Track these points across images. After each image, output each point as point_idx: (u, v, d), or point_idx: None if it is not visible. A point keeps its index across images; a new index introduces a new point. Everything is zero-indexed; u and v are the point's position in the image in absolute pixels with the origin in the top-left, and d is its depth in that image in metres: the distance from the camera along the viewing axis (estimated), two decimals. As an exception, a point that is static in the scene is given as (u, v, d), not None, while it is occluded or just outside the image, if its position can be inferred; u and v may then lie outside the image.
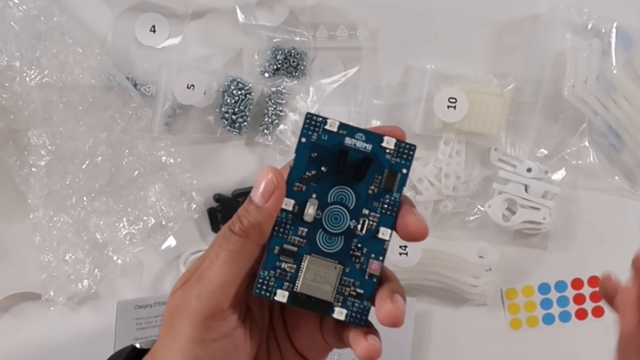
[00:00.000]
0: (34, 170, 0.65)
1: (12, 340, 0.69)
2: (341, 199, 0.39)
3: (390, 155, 0.39)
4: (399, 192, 0.39)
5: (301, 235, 0.39)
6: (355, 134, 0.39)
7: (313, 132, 0.39)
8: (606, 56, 0.65)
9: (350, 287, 0.39)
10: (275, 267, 0.38)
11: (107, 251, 0.67)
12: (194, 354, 0.38)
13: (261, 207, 0.37)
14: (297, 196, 0.39)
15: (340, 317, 0.38)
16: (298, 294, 0.38)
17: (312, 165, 0.39)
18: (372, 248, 0.39)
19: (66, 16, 0.66)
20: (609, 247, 0.69)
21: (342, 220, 0.39)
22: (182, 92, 0.67)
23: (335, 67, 0.69)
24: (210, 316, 0.37)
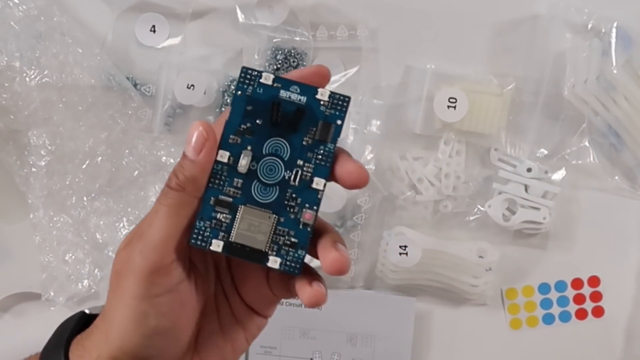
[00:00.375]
0: (34, 171, 0.65)
1: (12, 340, 0.69)
2: (276, 150, 0.40)
3: (324, 107, 0.40)
4: (333, 142, 0.40)
5: (236, 186, 0.39)
6: (290, 86, 0.40)
7: (248, 86, 0.40)
8: (606, 56, 0.65)
9: (284, 236, 0.39)
10: (210, 218, 0.39)
11: (107, 251, 0.67)
12: (141, 310, 0.38)
13: (194, 160, 0.38)
14: (233, 148, 0.39)
15: (275, 266, 0.39)
16: (233, 243, 0.39)
17: (248, 118, 0.39)
18: (306, 198, 0.39)
19: (66, 16, 0.66)
20: (609, 247, 0.69)
21: (276, 171, 0.40)
22: (182, 92, 0.67)
23: (336, 67, 0.69)
24: (154, 271, 0.38)
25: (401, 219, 0.68)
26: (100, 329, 0.40)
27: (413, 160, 0.68)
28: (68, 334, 0.42)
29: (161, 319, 0.39)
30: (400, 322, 0.67)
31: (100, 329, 0.41)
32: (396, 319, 0.67)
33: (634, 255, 0.70)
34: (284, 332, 0.68)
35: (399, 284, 0.68)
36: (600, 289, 0.69)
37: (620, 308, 0.69)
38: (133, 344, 0.39)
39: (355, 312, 0.68)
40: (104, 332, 0.40)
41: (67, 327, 0.43)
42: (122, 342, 0.39)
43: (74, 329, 0.43)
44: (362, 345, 0.67)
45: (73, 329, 0.43)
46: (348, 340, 0.68)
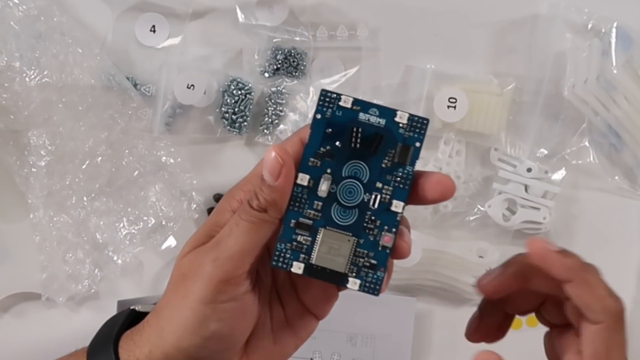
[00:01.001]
0: (34, 171, 0.65)
1: (12, 340, 0.69)
2: (355, 173, 0.40)
3: (403, 130, 0.40)
4: (412, 165, 0.40)
5: (316, 208, 0.40)
6: (369, 109, 0.40)
7: (327, 109, 0.40)
8: (606, 56, 0.65)
9: (363, 258, 0.40)
10: (291, 240, 0.40)
11: (107, 251, 0.67)
12: (204, 314, 0.39)
13: (272, 186, 0.38)
14: (312, 171, 0.40)
15: (354, 288, 0.40)
16: (313, 265, 0.40)
17: (327, 140, 0.40)
18: (385, 220, 0.40)
19: (66, 16, 0.66)
20: (609, 247, 0.69)
21: (356, 193, 0.40)
22: (182, 92, 0.67)
23: (336, 67, 0.69)
24: (225, 280, 0.39)
25: (401, 219, 0.68)
26: (153, 326, 0.41)
27: (413, 160, 0.67)
28: (117, 328, 0.43)
29: (221, 325, 0.40)
30: (400, 322, 0.67)
31: (152, 326, 0.41)
32: (396, 319, 0.67)
33: (634, 255, 0.70)
34: (284, 332, 0.68)
35: (399, 284, 0.68)
36: (600, 289, 0.69)
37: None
38: (189, 344, 0.40)
39: (355, 312, 0.68)
40: (158, 328, 0.41)
41: (116, 322, 0.43)
42: (179, 341, 0.40)
43: (123, 324, 0.43)
44: (362, 345, 0.67)
45: (122, 324, 0.43)
46: (348, 340, 0.68)
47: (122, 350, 0.41)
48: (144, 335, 0.41)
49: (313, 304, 0.44)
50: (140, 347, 0.41)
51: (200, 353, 0.40)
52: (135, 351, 0.41)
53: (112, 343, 0.42)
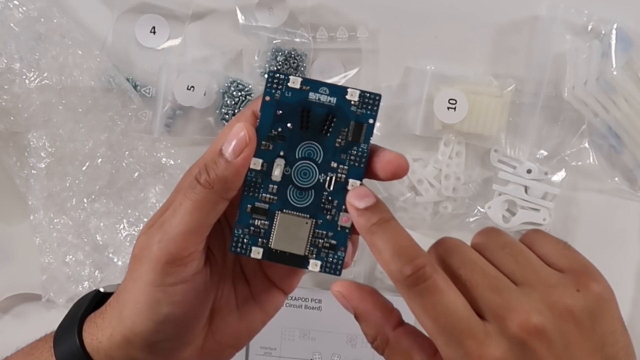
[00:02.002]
0: (34, 172, 0.65)
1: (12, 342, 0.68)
2: (309, 154, 0.40)
3: (355, 107, 0.39)
4: (366, 142, 0.39)
5: (272, 192, 0.39)
6: (319, 88, 0.39)
7: (276, 90, 0.39)
8: (606, 57, 0.65)
9: (323, 239, 0.40)
10: (248, 225, 0.39)
11: (108, 253, 0.67)
12: (154, 297, 0.39)
13: (230, 162, 0.38)
14: (265, 155, 0.39)
15: (315, 269, 0.40)
16: (272, 249, 0.40)
17: (278, 123, 0.39)
18: (342, 200, 0.39)
19: (66, 18, 0.66)
20: (609, 248, 0.69)
21: (311, 175, 0.40)
22: (182, 93, 0.67)
23: (335, 69, 0.69)
24: (170, 262, 0.38)
25: (401, 220, 0.67)
26: (114, 309, 0.41)
27: (413, 161, 0.68)
28: (82, 312, 0.43)
29: (173, 307, 0.39)
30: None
31: (113, 308, 0.41)
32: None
33: (634, 256, 0.70)
34: (284, 333, 0.68)
35: (398, 285, 0.68)
36: (600, 290, 0.69)
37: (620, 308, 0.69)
38: (144, 328, 0.39)
39: (355, 313, 0.67)
40: (118, 312, 0.40)
41: (81, 306, 0.43)
42: (134, 325, 0.39)
43: (88, 307, 0.43)
44: (362, 346, 0.67)
45: (87, 307, 0.43)
46: (348, 341, 0.68)
47: (85, 333, 0.41)
48: (105, 318, 0.41)
49: (279, 278, 0.44)
50: (103, 330, 0.41)
51: (157, 336, 0.40)
52: (97, 334, 0.41)
53: (77, 326, 0.42)
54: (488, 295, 0.34)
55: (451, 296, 0.35)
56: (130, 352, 0.40)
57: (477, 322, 0.34)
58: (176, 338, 0.41)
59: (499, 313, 0.34)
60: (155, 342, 0.40)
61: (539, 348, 0.33)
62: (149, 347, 0.40)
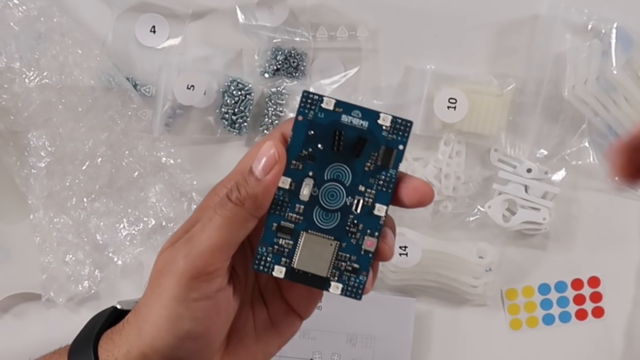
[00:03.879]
0: (34, 172, 0.65)
1: (12, 341, 0.69)
2: (338, 176, 0.39)
3: (386, 132, 0.39)
4: (395, 168, 0.39)
5: (298, 212, 0.39)
6: (352, 111, 0.39)
7: (310, 110, 0.39)
8: (606, 57, 0.65)
9: (346, 262, 0.40)
10: (272, 244, 0.39)
11: (108, 252, 0.67)
12: (177, 312, 0.39)
13: (260, 180, 0.38)
14: (294, 174, 0.39)
15: (337, 292, 0.40)
16: (295, 269, 0.40)
17: (309, 143, 0.39)
18: (367, 224, 0.39)
19: (66, 17, 0.66)
20: (609, 248, 0.69)
21: (338, 197, 0.40)
22: (182, 92, 0.67)
23: (335, 68, 0.69)
24: (196, 277, 0.38)
25: (401, 220, 0.68)
26: (132, 325, 0.41)
27: (413, 160, 0.68)
28: (98, 328, 0.42)
29: (195, 324, 0.39)
30: (400, 322, 0.67)
31: (132, 325, 0.41)
32: (396, 319, 0.67)
33: (634, 255, 0.70)
34: (284, 332, 0.68)
35: (399, 285, 0.68)
36: (600, 289, 0.69)
37: (620, 309, 0.69)
38: (164, 344, 0.39)
39: (355, 312, 0.68)
40: (136, 328, 0.40)
41: (98, 322, 0.43)
42: (154, 341, 0.39)
43: (104, 323, 0.43)
44: (362, 346, 0.67)
45: (103, 323, 0.43)
46: (348, 340, 0.68)
47: (101, 349, 0.41)
48: (123, 334, 0.41)
49: (297, 303, 0.44)
50: (119, 346, 0.41)
51: (176, 353, 0.40)
52: (114, 351, 0.41)
53: (92, 343, 0.41)
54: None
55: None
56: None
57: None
58: (195, 356, 0.41)
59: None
60: (174, 358, 0.40)
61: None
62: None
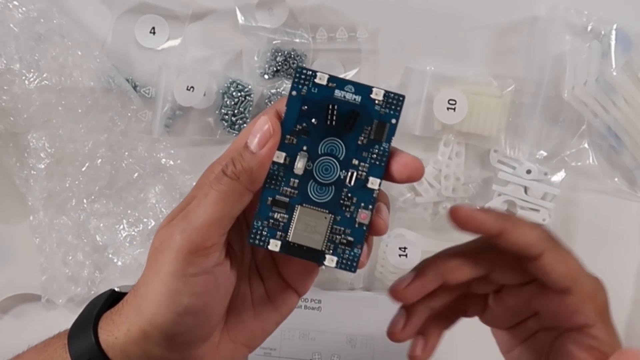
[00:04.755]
0: (34, 173, 0.65)
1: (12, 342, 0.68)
2: (331, 150, 0.40)
3: (379, 106, 0.40)
4: (388, 142, 0.40)
5: (292, 186, 0.40)
6: (345, 86, 0.40)
7: (303, 86, 0.40)
8: (606, 58, 0.65)
9: (340, 235, 0.40)
10: (268, 218, 0.40)
11: (107, 253, 0.67)
12: (176, 287, 0.39)
13: (255, 154, 0.39)
14: (289, 149, 0.40)
15: (332, 265, 0.40)
16: (290, 243, 0.40)
17: (303, 118, 0.40)
18: (361, 197, 0.40)
19: (66, 18, 0.66)
20: (608, 249, 0.69)
21: (332, 170, 0.40)
22: (182, 93, 0.67)
23: (335, 69, 0.69)
24: (193, 252, 0.39)
25: (401, 221, 0.68)
26: (131, 304, 0.41)
27: (413, 161, 0.68)
28: (97, 309, 0.43)
29: (194, 299, 0.39)
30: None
31: (131, 304, 0.41)
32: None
33: (634, 256, 0.70)
34: (284, 333, 0.68)
35: (398, 286, 0.68)
36: (599, 290, 0.69)
37: (620, 309, 0.69)
38: (164, 319, 0.39)
39: (355, 313, 0.68)
40: (136, 306, 0.41)
41: (97, 304, 0.44)
42: (154, 317, 0.39)
43: (103, 305, 0.43)
44: (362, 347, 0.67)
45: (102, 305, 0.43)
46: (348, 341, 0.68)
47: (101, 330, 0.41)
48: (122, 314, 0.41)
49: (294, 279, 0.44)
50: (119, 326, 0.41)
51: (176, 329, 0.40)
52: (114, 330, 0.41)
53: (92, 324, 0.42)
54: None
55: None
56: (147, 347, 0.40)
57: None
58: (194, 331, 0.41)
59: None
60: (173, 334, 0.40)
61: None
62: (166, 341, 0.40)
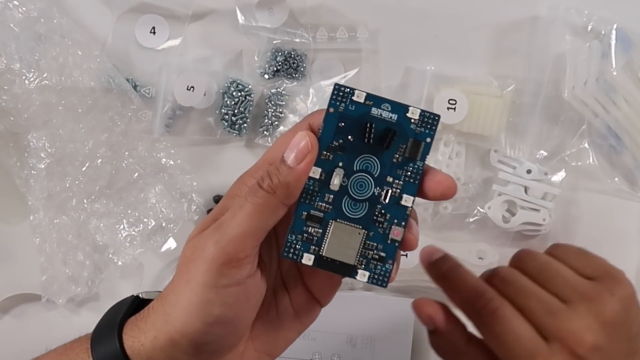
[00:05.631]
0: (34, 173, 0.65)
1: (13, 342, 0.69)
2: (366, 167, 0.41)
3: (415, 125, 0.40)
4: (422, 160, 0.41)
5: (327, 201, 0.41)
6: (382, 104, 0.40)
7: (340, 103, 0.40)
8: (606, 58, 0.65)
9: (373, 250, 0.41)
10: (302, 232, 0.41)
11: (108, 253, 0.67)
12: (207, 297, 0.39)
13: (293, 169, 0.39)
14: (325, 164, 0.40)
15: (363, 279, 0.41)
16: (323, 257, 0.41)
17: (340, 134, 0.40)
18: (395, 214, 0.41)
19: (66, 18, 0.66)
20: (608, 249, 0.68)
21: (367, 187, 0.41)
22: (182, 93, 0.67)
23: (335, 69, 0.69)
24: (226, 263, 0.39)
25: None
26: (159, 312, 0.41)
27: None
28: (121, 315, 0.43)
29: (225, 309, 0.40)
30: (400, 323, 0.67)
31: (158, 311, 0.41)
32: (396, 320, 0.67)
33: (634, 256, 0.70)
34: (284, 333, 0.68)
35: (398, 286, 0.68)
36: (600, 290, 0.69)
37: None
38: (194, 329, 0.39)
39: (355, 313, 0.68)
40: (164, 314, 0.40)
41: (120, 309, 0.44)
42: (183, 326, 0.39)
43: (127, 311, 0.43)
44: (362, 347, 0.67)
45: (126, 311, 0.43)
46: (348, 341, 0.68)
47: (126, 336, 0.41)
48: (149, 321, 0.41)
49: (318, 290, 0.45)
50: (145, 332, 0.41)
51: (205, 338, 0.40)
52: (140, 337, 0.41)
53: (117, 329, 0.42)
54: (545, 319, 0.40)
55: (518, 322, 0.40)
56: (174, 354, 0.40)
57: (541, 343, 0.40)
58: (222, 341, 0.41)
59: (558, 335, 0.40)
60: (202, 344, 0.40)
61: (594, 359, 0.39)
62: (194, 350, 0.40)
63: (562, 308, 0.40)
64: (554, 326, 0.40)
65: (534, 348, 0.40)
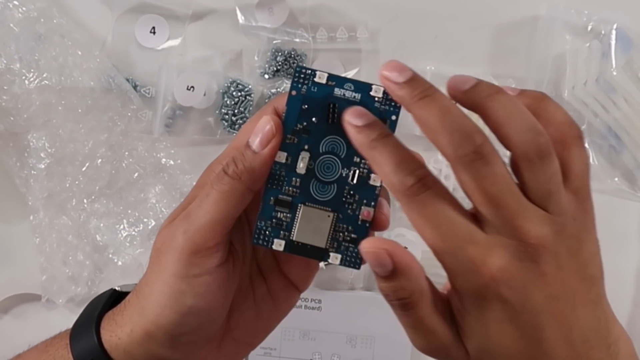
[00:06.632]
0: (34, 173, 0.65)
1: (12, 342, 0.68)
2: (332, 148, 0.40)
3: (379, 103, 0.40)
4: None
5: (295, 185, 0.40)
6: (344, 84, 0.40)
7: (303, 85, 0.40)
8: (606, 58, 0.65)
9: (344, 232, 0.40)
10: (271, 217, 0.40)
11: (108, 253, 0.67)
12: (179, 288, 0.39)
13: (257, 153, 0.38)
14: (290, 148, 0.40)
15: (336, 262, 0.40)
16: (294, 242, 0.40)
17: (303, 117, 0.40)
18: (364, 194, 0.40)
19: (66, 18, 0.66)
20: (608, 249, 0.68)
21: (334, 169, 0.40)
22: (182, 93, 0.67)
23: (335, 69, 0.69)
24: (195, 252, 0.39)
25: (401, 221, 0.68)
26: (134, 305, 0.41)
27: (413, 161, 0.67)
28: (99, 310, 0.43)
29: (197, 299, 0.39)
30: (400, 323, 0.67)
31: (133, 304, 0.41)
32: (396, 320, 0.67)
33: (634, 256, 0.70)
34: (284, 333, 0.68)
35: (398, 286, 0.68)
36: (599, 290, 0.69)
37: (620, 309, 0.69)
38: (168, 320, 0.39)
39: (355, 313, 0.68)
40: (139, 306, 0.40)
41: (98, 304, 0.43)
42: (157, 318, 0.39)
43: (105, 305, 0.43)
44: (362, 347, 0.67)
45: (104, 305, 0.43)
46: (348, 341, 0.68)
47: (104, 330, 0.41)
48: (125, 314, 0.41)
49: (295, 275, 0.44)
50: (122, 326, 0.41)
51: (180, 329, 0.40)
52: (116, 331, 0.41)
53: (94, 324, 0.42)
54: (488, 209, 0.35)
55: (452, 205, 0.35)
56: (151, 347, 0.40)
57: (477, 230, 0.35)
58: (198, 332, 0.41)
59: (502, 225, 0.34)
60: (177, 335, 0.40)
61: (542, 260, 0.34)
62: (170, 341, 0.40)
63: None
64: (500, 215, 0.35)
65: (467, 232, 0.35)
